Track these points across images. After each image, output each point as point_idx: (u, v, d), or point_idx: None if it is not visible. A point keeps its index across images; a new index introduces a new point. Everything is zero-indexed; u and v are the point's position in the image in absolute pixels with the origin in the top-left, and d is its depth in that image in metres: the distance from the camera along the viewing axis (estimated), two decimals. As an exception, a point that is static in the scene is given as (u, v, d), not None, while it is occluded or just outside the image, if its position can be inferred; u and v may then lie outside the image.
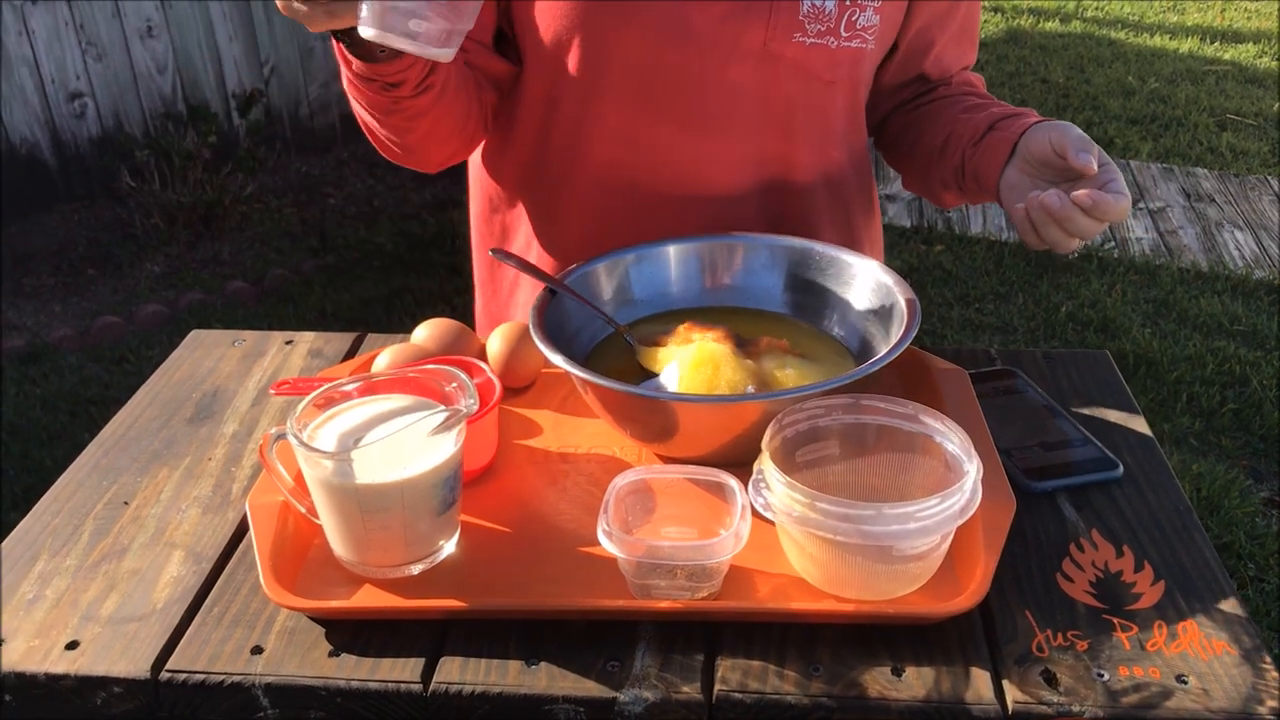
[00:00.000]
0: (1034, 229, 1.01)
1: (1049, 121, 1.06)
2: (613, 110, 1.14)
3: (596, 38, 1.10)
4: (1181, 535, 0.91)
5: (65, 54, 3.91)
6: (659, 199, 1.17)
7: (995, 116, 1.13)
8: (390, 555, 0.85)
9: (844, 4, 1.09)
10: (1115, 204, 0.96)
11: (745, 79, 1.12)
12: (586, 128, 1.16)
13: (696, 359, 0.97)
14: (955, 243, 3.93)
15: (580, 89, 1.13)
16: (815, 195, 1.22)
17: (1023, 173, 1.06)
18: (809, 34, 1.10)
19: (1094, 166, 0.98)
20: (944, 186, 1.21)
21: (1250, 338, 3.32)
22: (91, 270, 3.77)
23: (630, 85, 1.12)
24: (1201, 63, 5.75)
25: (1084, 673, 0.77)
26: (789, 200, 1.20)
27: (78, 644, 0.82)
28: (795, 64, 1.12)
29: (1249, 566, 2.42)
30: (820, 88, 1.15)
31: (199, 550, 0.91)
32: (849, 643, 0.80)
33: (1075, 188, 1.00)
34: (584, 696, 0.77)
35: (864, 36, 1.12)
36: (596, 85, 1.13)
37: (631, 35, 1.10)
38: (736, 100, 1.13)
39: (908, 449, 0.87)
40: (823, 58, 1.12)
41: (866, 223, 1.29)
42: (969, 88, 1.25)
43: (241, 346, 1.22)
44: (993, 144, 1.10)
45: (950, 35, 1.21)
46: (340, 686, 0.78)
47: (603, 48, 1.11)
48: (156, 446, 1.05)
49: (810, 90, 1.15)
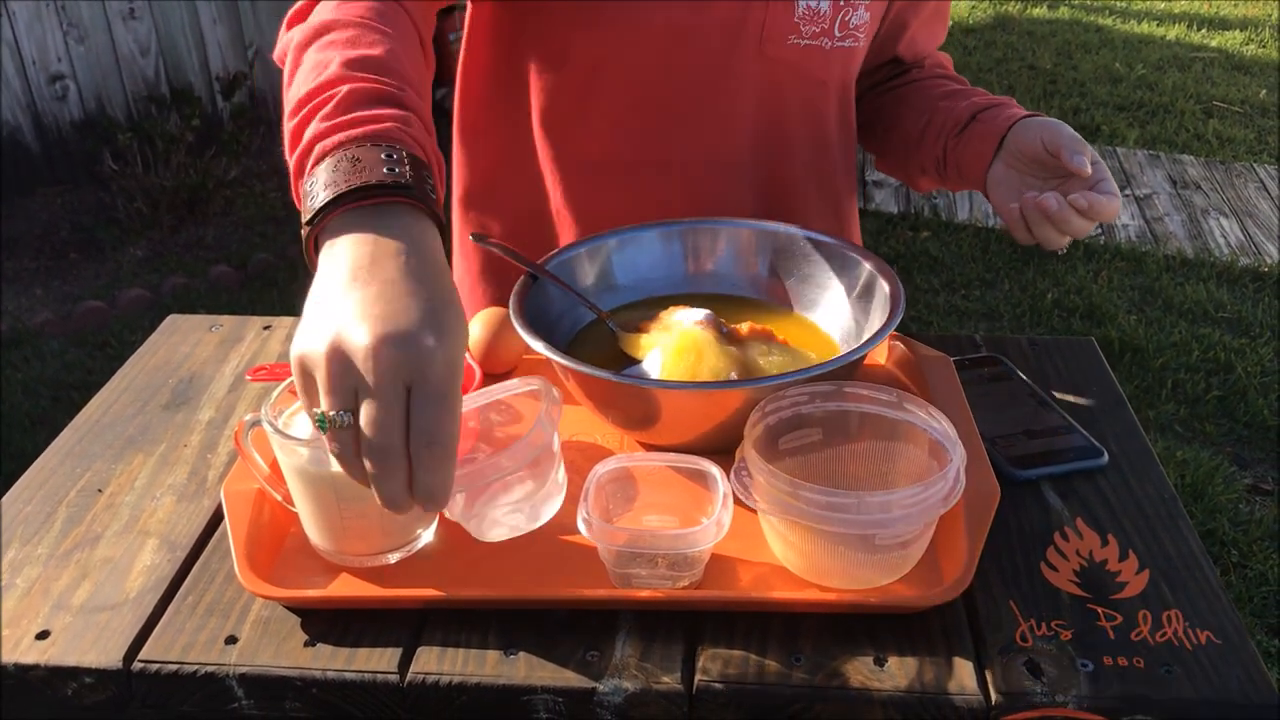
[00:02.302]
0: (1027, 227, 1.01)
1: (1037, 117, 1.06)
2: (606, 111, 1.13)
3: (593, 39, 1.09)
4: (1166, 524, 0.90)
5: (46, 36, 3.87)
6: (650, 200, 1.16)
7: (977, 106, 1.12)
8: (367, 544, 0.84)
9: (838, 4, 1.08)
10: (1109, 205, 0.97)
11: (740, 82, 1.12)
12: (579, 127, 1.15)
13: (679, 345, 0.96)
14: (941, 229, 3.92)
15: (575, 90, 1.13)
16: (807, 191, 1.22)
17: (1010, 168, 1.06)
18: (804, 35, 1.10)
19: (1088, 169, 0.98)
20: (922, 173, 1.21)
21: (1235, 325, 3.33)
22: (74, 254, 3.74)
23: (625, 88, 1.12)
24: (1189, 49, 5.75)
25: (1068, 663, 0.76)
26: (781, 198, 1.20)
27: (48, 634, 0.81)
28: (790, 66, 1.12)
29: (1232, 553, 2.42)
30: (813, 87, 1.15)
31: (173, 538, 0.90)
32: (831, 632, 0.79)
33: (1066, 185, 1.00)
34: (563, 686, 0.76)
35: (856, 35, 1.12)
36: (592, 87, 1.12)
37: (627, 39, 1.09)
38: (731, 102, 1.13)
39: (891, 436, 0.86)
40: (816, 58, 1.12)
41: (850, 211, 1.29)
42: (941, 70, 1.26)
43: (219, 332, 1.21)
44: (977, 136, 1.10)
45: (924, 18, 1.21)
46: (316, 677, 0.77)
47: (601, 48, 1.10)
48: (131, 433, 1.04)
49: (804, 90, 1.15)
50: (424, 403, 0.66)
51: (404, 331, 0.66)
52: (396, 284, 0.69)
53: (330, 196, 0.75)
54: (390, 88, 0.84)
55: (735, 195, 1.18)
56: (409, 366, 0.65)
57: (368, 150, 0.77)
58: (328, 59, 0.86)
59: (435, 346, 0.66)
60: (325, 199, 0.75)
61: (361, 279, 0.70)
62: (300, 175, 0.81)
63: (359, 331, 0.66)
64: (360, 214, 0.74)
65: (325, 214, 0.75)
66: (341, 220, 0.74)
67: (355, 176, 0.75)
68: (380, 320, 0.66)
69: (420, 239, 0.74)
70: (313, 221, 0.75)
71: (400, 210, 0.75)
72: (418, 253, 0.72)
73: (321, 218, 0.75)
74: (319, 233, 0.75)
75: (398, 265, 0.71)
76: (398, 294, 0.68)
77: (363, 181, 0.75)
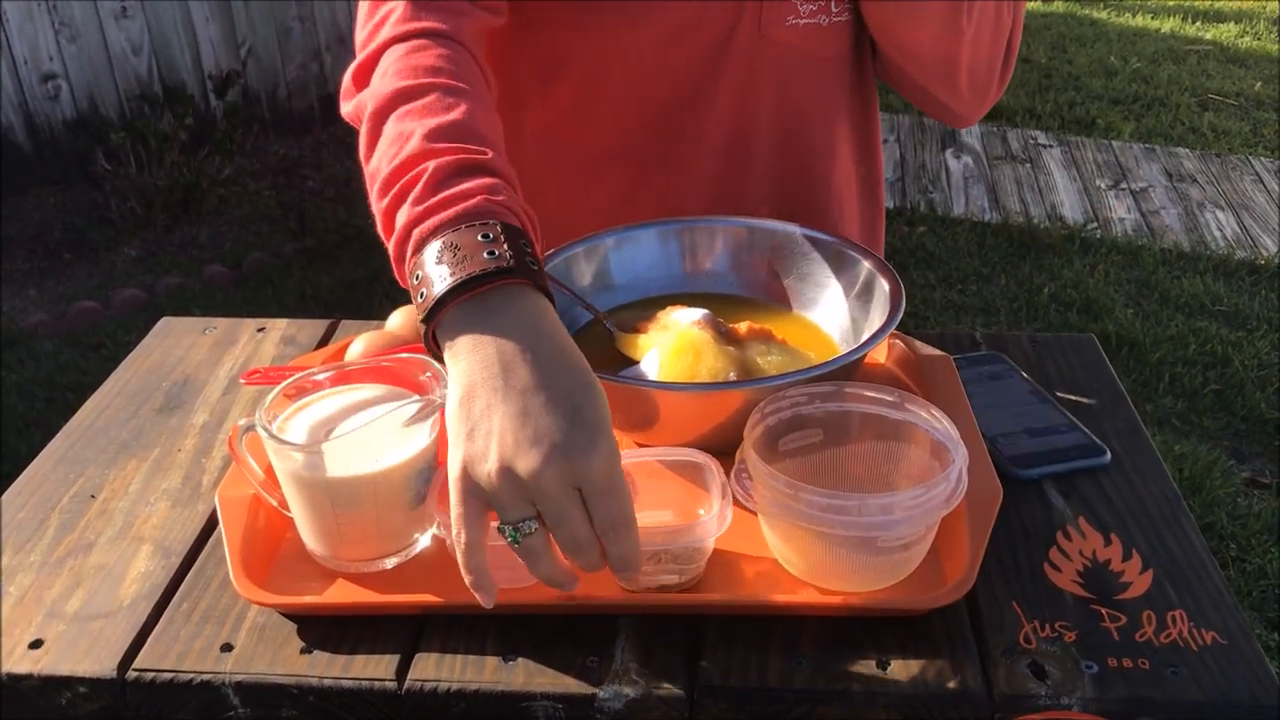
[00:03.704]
0: None
1: None
2: (607, 107, 1.13)
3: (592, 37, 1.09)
4: (1170, 522, 0.89)
5: (38, 35, 3.85)
6: (657, 195, 1.16)
7: None
8: (364, 549, 0.83)
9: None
10: None
11: (743, 68, 1.11)
12: (581, 124, 1.14)
13: (677, 346, 0.95)
14: (938, 224, 3.92)
15: (575, 88, 1.12)
16: (826, 173, 1.20)
17: None
18: (801, 15, 1.09)
19: None
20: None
21: (1232, 318, 3.33)
22: (67, 255, 3.72)
23: (625, 83, 1.11)
24: (1183, 42, 5.75)
25: (1072, 665, 0.76)
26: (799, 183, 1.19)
27: (41, 642, 0.80)
28: (791, 47, 1.11)
29: (1231, 547, 2.42)
30: (818, 65, 1.14)
31: (168, 545, 0.89)
32: (833, 635, 0.78)
33: None
34: (563, 693, 0.75)
35: (849, 7, 1.10)
36: (592, 84, 1.11)
37: (625, 35, 1.08)
38: (736, 89, 1.12)
39: (892, 437, 0.86)
40: (816, 35, 1.11)
41: (871, 201, 1.27)
42: None
43: (212, 334, 1.20)
44: None
45: None
46: (313, 684, 0.76)
47: (599, 45, 1.09)
48: (125, 437, 1.03)
49: (810, 69, 1.14)
50: (597, 499, 0.71)
51: (558, 448, 0.70)
52: (534, 393, 0.72)
53: (438, 296, 0.76)
54: (474, 155, 0.84)
55: (750, 184, 1.17)
56: (574, 477, 0.70)
57: (463, 234, 0.78)
58: (408, 131, 0.86)
59: (589, 448, 0.70)
60: (431, 302, 0.77)
61: (502, 392, 0.72)
62: (401, 261, 0.82)
63: (520, 459, 0.70)
64: (470, 307, 0.76)
65: (437, 312, 0.77)
66: (454, 317, 0.76)
67: (458, 269, 0.76)
68: (534, 443, 0.70)
69: (537, 324, 0.76)
70: (429, 319, 0.78)
71: (510, 293, 0.77)
72: (539, 343, 0.75)
73: (434, 314, 0.77)
74: (435, 328, 0.78)
75: (528, 370, 0.73)
76: (539, 407, 0.71)
77: (466, 274, 0.76)
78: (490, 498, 0.72)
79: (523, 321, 0.76)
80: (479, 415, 0.72)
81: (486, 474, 0.71)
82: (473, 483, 0.72)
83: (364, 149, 0.91)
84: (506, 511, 0.72)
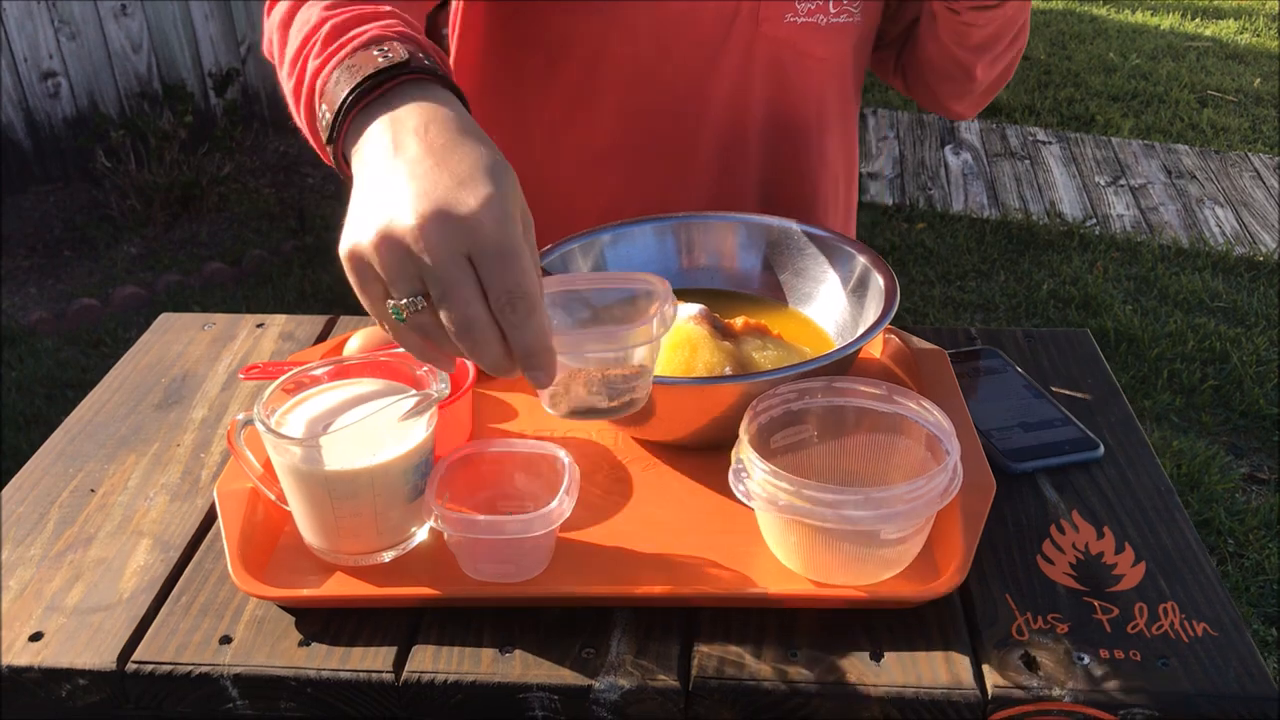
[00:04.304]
0: None
1: None
2: (605, 100, 1.13)
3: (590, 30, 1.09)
4: (1163, 516, 0.90)
5: (38, 32, 3.85)
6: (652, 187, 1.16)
7: None
8: (361, 542, 0.84)
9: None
10: None
11: (739, 62, 1.12)
12: (579, 117, 1.15)
13: (673, 341, 0.96)
14: (937, 221, 3.92)
15: (573, 81, 1.13)
16: (811, 172, 1.21)
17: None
18: (800, 13, 1.10)
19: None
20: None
21: (1230, 314, 3.33)
22: (67, 252, 3.73)
23: (623, 76, 1.12)
24: (1183, 39, 5.75)
25: (1064, 656, 0.76)
26: (785, 180, 1.20)
27: (42, 635, 0.80)
28: (787, 43, 1.12)
29: (1228, 542, 2.43)
30: (813, 65, 1.15)
31: (166, 539, 0.90)
32: (828, 628, 0.79)
33: None
34: (559, 684, 0.75)
35: (850, 10, 1.12)
36: (590, 77, 1.12)
37: (623, 27, 1.09)
38: (732, 83, 1.13)
39: (886, 431, 0.86)
40: (812, 34, 1.12)
41: (849, 194, 1.29)
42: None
43: (211, 330, 1.20)
44: None
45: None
46: (311, 677, 0.77)
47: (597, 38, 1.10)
48: (124, 432, 1.03)
49: (803, 67, 1.15)
50: (488, 265, 0.64)
51: (442, 204, 0.64)
52: (422, 159, 0.67)
53: (336, 108, 0.73)
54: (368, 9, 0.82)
55: (740, 178, 1.18)
56: (459, 236, 0.64)
57: (358, 56, 0.76)
58: (308, 17, 0.85)
59: (478, 207, 0.64)
60: (332, 115, 0.74)
61: (389, 165, 0.68)
62: (313, 120, 0.79)
63: (400, 218, 0.65)
64: (368, 111, 0.73)
65: (339, 129, 0.74)
66: (354, 126, 0.73)
67: (354, 78, 0.74)
68: (417, 199, 0.65)
69: (432, 104, 0.72)
70: (332, 139, 0.74)
71: (405, 88, 0.74)
72: (435, 119, 0.70)
73: (337, 134, 0.74)
74: (341, 149, 0.74)
75: (419, 141, 0.69)
76: (426, 169, 0.66)
77: (361, 76, 0.73)
78: (377, 273, 0.66)
79: (420, 106, 0.72)
80: (365, 193, 0.68)
81: (370, 246, 0.65)
82: (359, 260, 0.66)
83: (278, 58, 0.89)
84: (394, 286, 0.65)
